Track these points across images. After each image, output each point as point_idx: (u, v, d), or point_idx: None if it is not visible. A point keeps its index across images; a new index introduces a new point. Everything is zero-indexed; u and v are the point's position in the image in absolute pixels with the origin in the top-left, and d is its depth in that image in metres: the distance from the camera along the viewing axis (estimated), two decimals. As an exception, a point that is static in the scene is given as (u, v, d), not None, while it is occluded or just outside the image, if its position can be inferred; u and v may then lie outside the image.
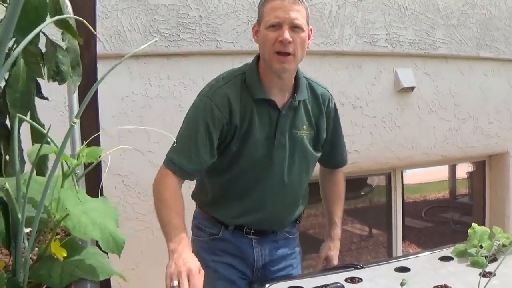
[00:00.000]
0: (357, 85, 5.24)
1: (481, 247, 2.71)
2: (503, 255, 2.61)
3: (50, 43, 1.62)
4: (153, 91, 4.36)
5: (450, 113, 5.99)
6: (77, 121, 1.28)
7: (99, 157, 1.49)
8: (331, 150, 3.00)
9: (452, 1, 5.88)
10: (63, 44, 1.70)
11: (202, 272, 2.28)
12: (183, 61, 4.47)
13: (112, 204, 3.81)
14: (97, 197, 2.78)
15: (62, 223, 1.30)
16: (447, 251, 2.88)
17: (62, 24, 1.66)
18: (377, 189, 6.24)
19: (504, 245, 2.76)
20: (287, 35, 2.50)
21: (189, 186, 2.93)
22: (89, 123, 2.68)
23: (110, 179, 4.17)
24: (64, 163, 1.41)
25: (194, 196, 3.02)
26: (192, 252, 2.46)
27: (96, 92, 2.80)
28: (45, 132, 1.27)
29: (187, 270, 2.24)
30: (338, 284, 2.40)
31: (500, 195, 6.78)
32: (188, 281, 2.21)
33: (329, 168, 3.15)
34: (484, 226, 2.87)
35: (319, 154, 2.91)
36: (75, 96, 2.19)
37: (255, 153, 2.69)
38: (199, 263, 2.31)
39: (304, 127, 2.78)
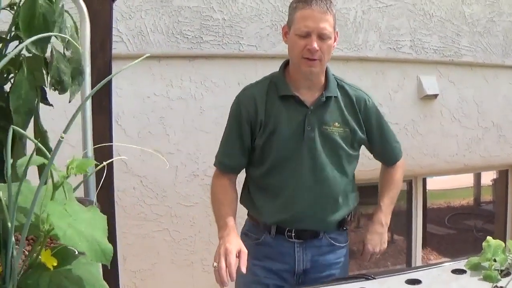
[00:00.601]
0: (380, 92, 5.22)
1: (494, 260, 2.68)
2: None
3: (54, 51, 1.66)
4: (175, 93, 4.41)
5: (473, 122, 5.94)
6: (64, 136, 1.32)
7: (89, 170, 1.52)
8: (381, 146, 3.08)
9: (478, 8, 5.84)
10: (67, 54, 1.75)
11: (244, 250, 2.58)
12: (205, 63, 4.51)
13: (129, 204, 3.88)
14: (109, 198, 2.87)
15: (51, 233, 1.32)
16: (461, 264, 2.85)
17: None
18: (400, 195, 6.26)
19: None
20: (315, 44, 2.68)
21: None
22: (103, 123, 2.76)
23: (129, 179, 4.24)
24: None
25: (240, 199, 3.11)
26: None
27: (110, 93, 2.89)
28: (36, 142, 1.32)
29: (224, 250, 2.55)
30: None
31: (522, 204, 6.71)
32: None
33: (386, 163, 3.21)
34: (506, 235, 2.86)
35: (355, 153, 2.98)
36: (88, 102, 2.25)
37: (284, 147, 2.84)
38: (240, 244, 2.62)
39: (336, 123, 2.87)
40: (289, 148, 2.84)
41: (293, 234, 2.91)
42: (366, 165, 3.48)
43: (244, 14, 4.61)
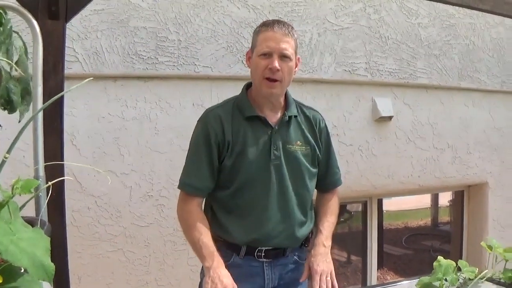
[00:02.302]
0: (335, 113, 5.44)
1: (446, 280, 2.85)
2: None
3: (3, 72, 1.76)
4: (129, 113, 4.53)
5: (428, 143, 6.22)
6: (8, 156, 1.44)
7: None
8: (326, 169, 3.23)
9: (434, 31, 6.14)
10: (16, 74, 1.85)
11: (235, 285, 2.72)
12: (160, 84, 4.65)
13: (84, 224, 4.00)
14: (61, 217, 2.97)
15: None
16: (412, 283, 3.03)
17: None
18: (356, 216, 6.43)
19: (469, 279, 2.91)
20: (276, 63, 2.84)
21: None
22: (55, 143, 2.90)
23: (84, 199, 4.36)
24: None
25: None
26: (202, 276, 2.99)
27: (62, 113, 3.01)
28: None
29: (223, 286, 2.70)
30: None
31: (478, 225, 6.98)
32: None
33: (325, 189, 3.31)
34: (461, 255, 3.03)
35: (315, 170, 3.13)
36: (40, 117, 2.36)
37: (251, 168, 2.96)
38: (232, 280, 2.75)
39: (298, 142, 3.04)
40: (257, 167, 2.96)
41: (262, 254, 3.03)
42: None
43: (199, 36, 4.78)
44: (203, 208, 3.09)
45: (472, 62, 6.49)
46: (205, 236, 2.88)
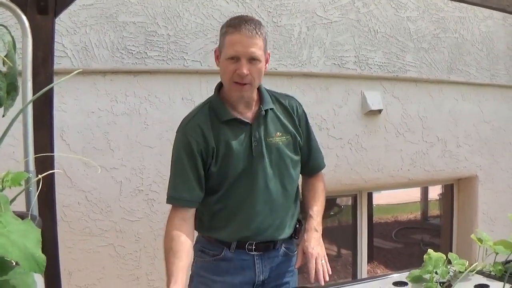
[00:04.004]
0: (324, 107, 5.49)
1: (436, 273, 2.92)
2: (457, 281, 2.83)
3: None
4: (119, 108, 4.56)
5: (418, 137, 6.27)
6: None
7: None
8: (308, 154, 3.28)
9: (424, 24, 6.18)
10: (3, 69, 1.83)
11: None
12: (150, 78, 4.68)
13: (74, 219, 4.03)
14: (52, 211, 3.00)
15: None
16: (402, 276, 3.09)
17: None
18: (346, 209, 6.48)
19: (460, 272, 2.97)
20: (244, 70, 2.82)
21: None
22: (45, 137, 2.93)
23: (74, 194, 4.39)
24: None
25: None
26: (193, 271, 3.12)
27: (51, 108, 3.04)
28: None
29: None
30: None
31: (468, 218, 7.04)
32: None
33: (309, 174, 3.36)
34: (451, 249, 3.07)
35: (298, 157, 3.17)
36: (30, 112, 2.38)
37: (238, 167, 2.98)
38: None
39: (278, 133, 3.07)
40: (242, 166, 2.99)
41: (253, 247, 3.07)
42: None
43: (188, 30, 4.81)
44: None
45: (461, 56, 6.54)
46: (173, 263, 2.79)
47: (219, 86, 3.11)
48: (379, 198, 6.78)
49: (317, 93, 5.51)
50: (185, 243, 2.87)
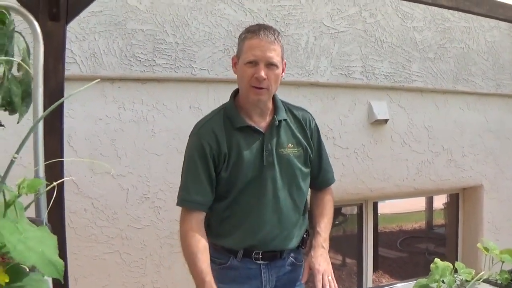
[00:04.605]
0: (330, 116, 5.49)
1: (443, 282, 2.93)
2: None
3: (6, 73, 1.77)
4: (127, 115, 4.56)
5: (423, 146, 6.27)
6: (17, 156, 1.45)
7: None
8: (318, 169, 3.28)
9: (430, 34, 6.19)
10: (18, 75, 1.86)
11: None
12: (157, 86, 4.68)
13: (80, 226, 4.02)
14: (61, 218, 3.00)
15: (3, 250, 1.42)
16: (410, 285, 3.11)
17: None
18: (351, 219, 6.47)
19: (466, 281, 2.99)
20: (262, 73, 2.87)
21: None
22: (55, 143, 2.92)
23: (80, 201, 4.39)
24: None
25: None
26: None
27: (62, 114, 3.04)
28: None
29: None
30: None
31: (473, 228, 7.04)
32: None
33: (318, 188, 3.37)
34: (457, 258, 3.07)
35: (308, 170, 3.19)
36: (41, 123, 2.38)
37: (247, 175, 3.00)
38: None
39: (290, 145, 3.09)
40: (252, 175, 3.01)
41: (260, 256, 3.09)
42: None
43: (197, 38, 4.81)
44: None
45: (467, 66, 6.55)
46: (201, 259, 2.88)
47: (235, 93, 3.15)
48: (384, 208, 6.77)
49: (324, 102, 5.51)
50: (207, 246, 2.94)
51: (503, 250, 3.14)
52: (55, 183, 1.72)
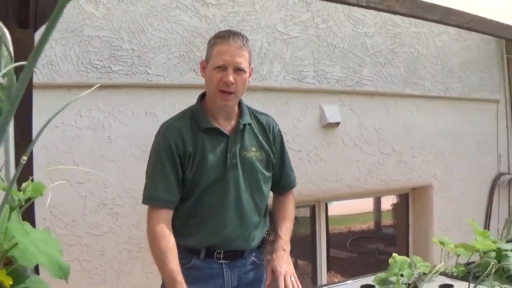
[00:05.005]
0: (284, 120, 5.55)
1: (401, 275, 3.06)
2: (423, 282, 2.99)
3: None
4: (83, 122, 4.59)
5: (374, 148, 6.45)
6: (26, 159, 1.53)
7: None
8: (280, 173, 3.41)
9: (380, 40, 6.39)
10: (3, 82, 1.94)
11: None
12: (114, 93, 4.72)
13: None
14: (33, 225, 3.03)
15: (9, 252, 1.52)
16: (369, 280, 3.24)
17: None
18: (302, 221, 6.59)
19: (424, 273, 3.14)
20: (231, 78, 2.99)
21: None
22: (23, 151, 2.96)
23: (39, 210, 4.36)
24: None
25: None
26: (162, 280, 3.11)
27: (30, 123, 3.09)
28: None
29: None
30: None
31: (423, 226, 7.26)
32: None
33: (281, 191, 3.48)
34: (408, 256, 3.21)
35: (270, 174, 3.30)
36: (11, 130, 2.42)
37: (211, 175, 3.10)
38: None
39: (253, 148, 3.21)
40: (215, 176, 3.10)
41: (221, 256, 3.17)
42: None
43: (152, 45, 4.88)
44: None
45: (416, 70, 6.77)
46: (171, 259, 2.95)
47: (202, 96, 3.24)
48: (332, 209, 6.86)
49: (277, 106, 5.63)
50: (175, 245, 3.00)
51: (457, 244, 3.31)
52: (50, 186, 1.83)
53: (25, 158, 1.47)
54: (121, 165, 4.72)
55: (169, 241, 3.00)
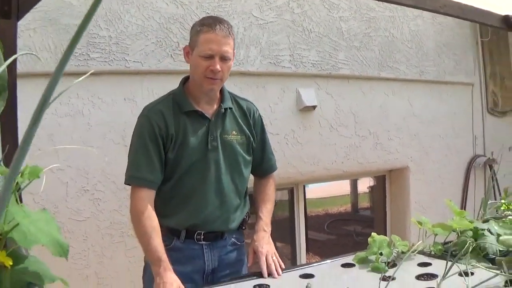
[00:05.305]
0: (261, 104, 5.58)
1: (381, 254, 3.13)
2: (401, 261, 3.01)
3: None
4: (63, 110, 4.65)
5: (350, 131, 6.56)
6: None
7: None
8: (261, 157, 3.54)
9: (355, 24, 6.49)
10: None
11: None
12: (92, 80, 4.73)
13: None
14: None
15: (9, 234, 1.60)
16: (349, 259, 3.31)
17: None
18: (280, 204, 6.68)
19: (402, 252, 3.19)
20: (217, 66, 3.09)
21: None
22: (11, 142, 3.04)
23: (22, 197, 4.46)
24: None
25: None
26: (146, 261, 3.22)
27: (16, 112, 3.15)
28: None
29: None
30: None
31: (400, 208, 7.39)
32: None
33: (262, 175, 3.63)
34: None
35: (250, 158, 3.43)
36: None
37: (192, 158, 3.19)
38: (179, 282, 2.94)
39: (234, 132, 3.32)
40: (196, 158, 3.19)
41: (202, 237, 3.26)
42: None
43: (129, 32, 4.95)
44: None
45: (391, 53, 6.88)
46: (157, 239, 3.04)
47: (184, 81, 3.34)
48: (310, 192, 6.98)
49: (254, 91, 5.71)
50: (159, 225, 3.09)
51: (435, 224, 3.37)
52: (46, 168, 1.96)
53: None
54: (101, 151, 4.77)
55: (153, 221, 3.08)
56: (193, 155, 3.20)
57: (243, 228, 3.50)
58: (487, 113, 8.35)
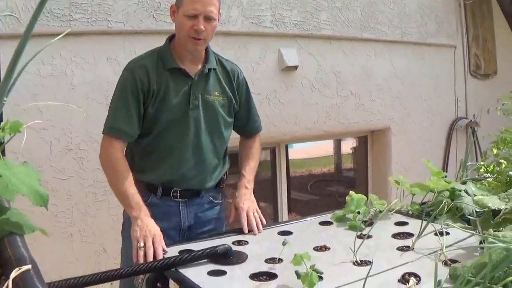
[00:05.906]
0: (243, 64, 5.59)
1: (358, 213, 3.22)
2: (377, 219, 3.12)
3: None
4: (46, 70, 4.72)
5: (332, 91, 6.69)
6: (6, 99, 1.70)
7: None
8: (247, 118, 3.66)
9: (337, -16, 6.57)
10: None
11: (160, 233, 3.00)
12: (75, 40, 4.84)
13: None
14: None
15: None
16: (327, 217, 3.39)
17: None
18: (263, 164, 6.79)
19: (380, 211, 3.27)
20: (201, 26, 3.16)
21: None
22: None
23: (6, 156, 4.56)
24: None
25: None
26: (125, 217, 3.37)
27: None
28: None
29: (151, 234, 2.96)
30: (226, 246, 2.78)
31: (382, 168, 7.58)
32: (153, 243, 2.93)
33: (247, 135, 3.76)
34: (367, 197, 3.40)
35: (231, 120, 3.52)
36: None
37: (172, 115, 3.27)
38: (158, 228, 3.03)
39: (216, 93, 3.40)
40: (177, 114, 3.28)
41: (178, 194, 3.37)
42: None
43: (112, -8, 5.00)
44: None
45: (373, 14, 6.98)
46: (131, 186, 3.14)
47: (170, 38, 3.43)
48: (293, 153, 7.12)
49: (236, 51, 5.80)
50: (127, 167, 3.22)
51: (412, 184, 3.45)
52: (31, 123, 2.02)
53: (5, 99, 1.65)
54: (84, 111, 4.81)
55: (128, 169, 3.20)
56: (173, 112, 3.29)
57: (221, 186, 3.61)
58: (470, 76, 8.51)
